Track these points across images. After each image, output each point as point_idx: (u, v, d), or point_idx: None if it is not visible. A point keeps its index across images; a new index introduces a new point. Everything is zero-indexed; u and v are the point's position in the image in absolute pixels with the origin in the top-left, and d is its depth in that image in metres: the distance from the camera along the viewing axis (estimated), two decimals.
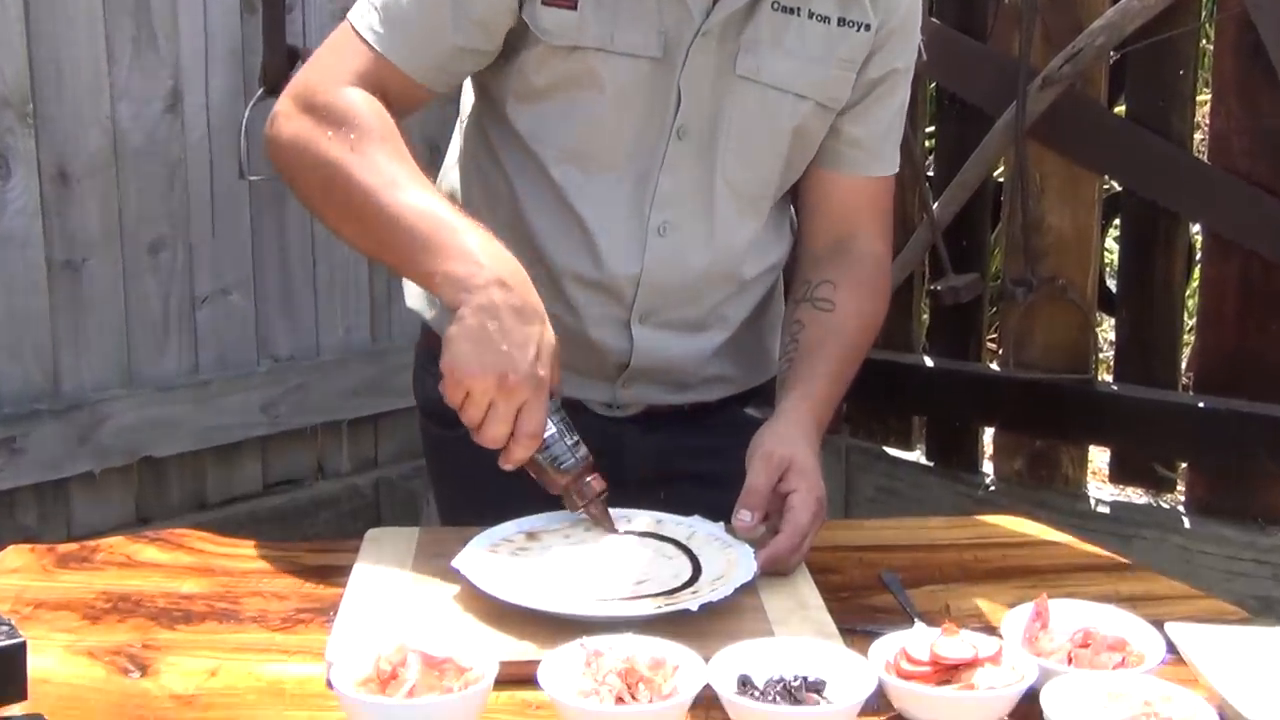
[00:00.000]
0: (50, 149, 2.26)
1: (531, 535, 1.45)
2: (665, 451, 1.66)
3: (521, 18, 1.48)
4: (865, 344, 1.63)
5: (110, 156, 2.33)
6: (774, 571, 1.38)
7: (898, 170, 1.68)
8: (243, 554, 1.51)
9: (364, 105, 1.44)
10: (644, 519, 1.48)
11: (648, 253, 1.56)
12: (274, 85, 2.39)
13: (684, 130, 1.53)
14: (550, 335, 1.37)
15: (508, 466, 1.37)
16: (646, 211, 1.55)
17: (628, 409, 1.66)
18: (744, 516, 1.41)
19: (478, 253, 1.35)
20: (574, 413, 1.53)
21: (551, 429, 1.38)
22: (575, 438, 1.41)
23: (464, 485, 1.70)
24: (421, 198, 1.39)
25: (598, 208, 1.55)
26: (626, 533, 1.46)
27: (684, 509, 1.49)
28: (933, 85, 2.95)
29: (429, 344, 1.71)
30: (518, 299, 1.34)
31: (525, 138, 1.56)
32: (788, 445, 1.44)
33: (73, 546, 1.51)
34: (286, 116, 1.47)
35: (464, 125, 1.67)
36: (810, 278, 1.63)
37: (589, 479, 1.42)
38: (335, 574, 1.44)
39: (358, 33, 1.48)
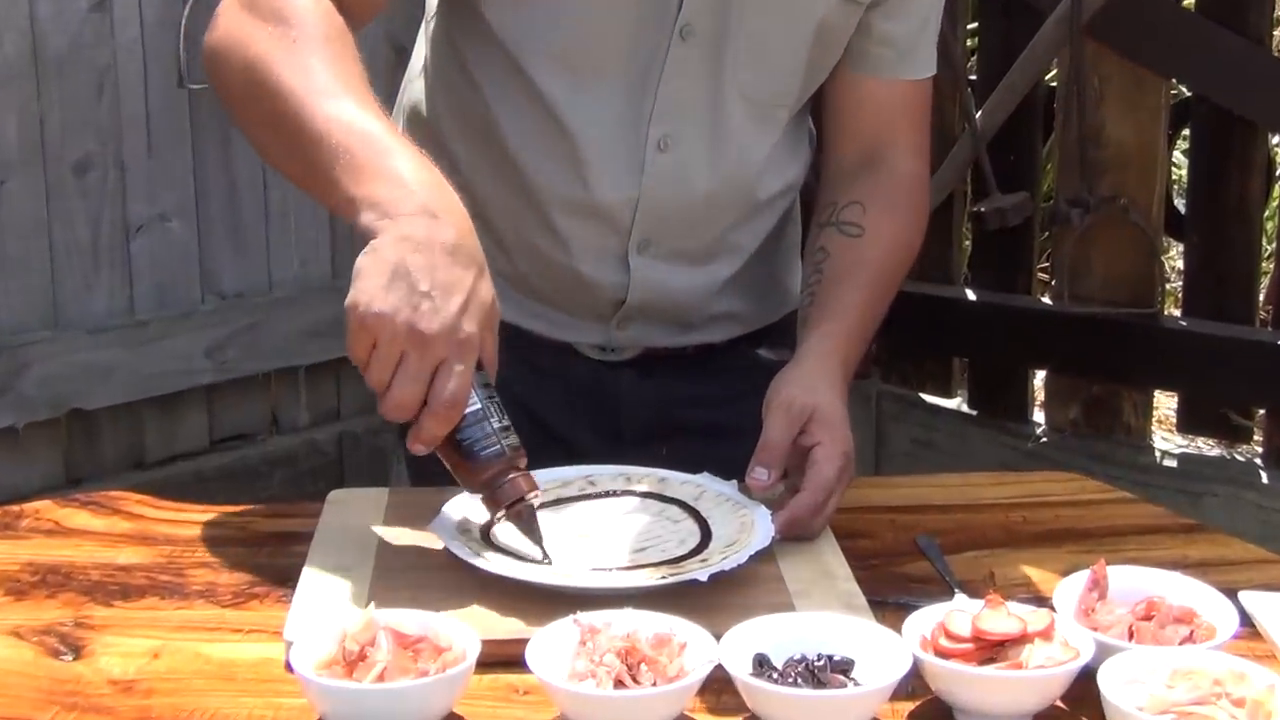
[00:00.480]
0: None
1: None
2: (666, 400, 1.67)
3: None
4: (899, 273, 1.63)
5: (29, 63, 2.31)
6: (795, 536, 1.39)
7: (935, 73, 1.67)
8: (187, 519, 1.51)
9: (310, 2, 1.39)
10: (646, 477, 1.48)
11: (646, 172, 1.55)
12: None
13: (688, 29, 1.51)
14: (487, 290, 1.25)
15: (418, 449, 1.25)
16: (645, 124, 1.54)
17: (623, 352, 1.67)
18: (759, 474, 1.41)
19: (409, 178, 1.26)
20: (563, 357, 1.52)
21: (476, 404, 1.26)
22: (505, 422, 1.29)
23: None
24: (352, 111, 1.30)
25: (589, 121, 1.54)
26: (625, 493, 1.46)
27: (689, 466, 1.49)
28: None
29: None
30: (451, 235, 1.24)
31: (504, 41, 1.54)
32: (810, 392, 1.44)
33: (4, 509, 1.51)
34: (224, 13, 1.42)
35: (430, 27, 1.66)
36: (836, 199, 1.63)
37: (513, 476, 1.29)
38: (293, 542, 1.44)
39: None
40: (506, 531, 1.37)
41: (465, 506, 1.41)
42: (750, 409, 1.47)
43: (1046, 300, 2.98)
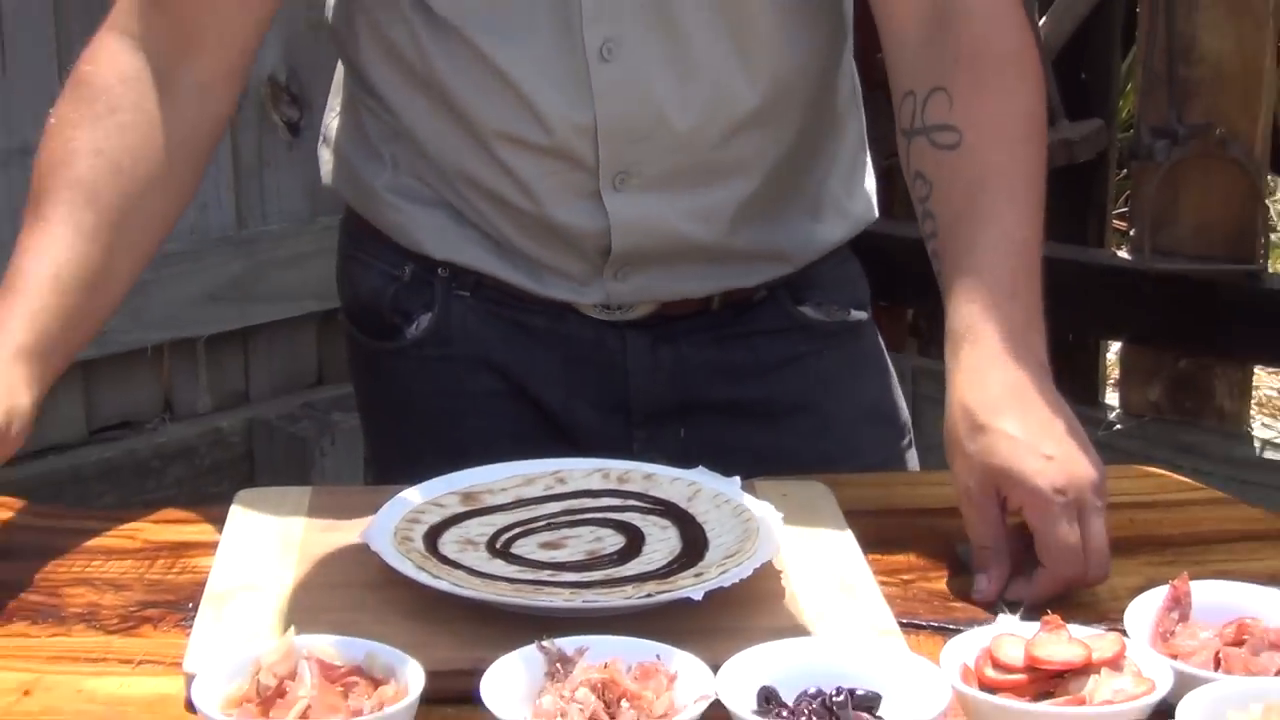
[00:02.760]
0: None
1: (469, 496, 1.47)
2: (685, 370, 1.67)
3: None
4: (1036, 162, 1.50)
5: None
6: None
7: None
8: (64, 527, 1.53)
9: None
10: (628, 473, 1.50)
11: (595, 90, 1.55)
12: None
13: None
14: None
15: None
16: (577, 31, 1.54)
17: (630, 310, 1.67)
18: (979, 583, 1.37)
19: None
20: (560, 319, 1.54)
21: None
22: None
23: (407, 416, 1.73)
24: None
25: (519, 39, 1.54)
26: (603, 493, 1.48)
27: (711, 451, 1.50)
28: None
29: (357, 229, 1.74)
30: None
31: None
32: (979, 434, 1.37)
33: None
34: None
35: None
36: (913, 87, 1.52)
37: None
38: (193, 552, 1.46)
39: None
40: (457, 539, 1.39)
41: (404, 508, 1.43)
42: (790, 383, 1.46)
43: (1124, 254, 3.00)
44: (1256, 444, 2.85)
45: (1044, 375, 1.37)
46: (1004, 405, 1.35)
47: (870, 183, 1.73)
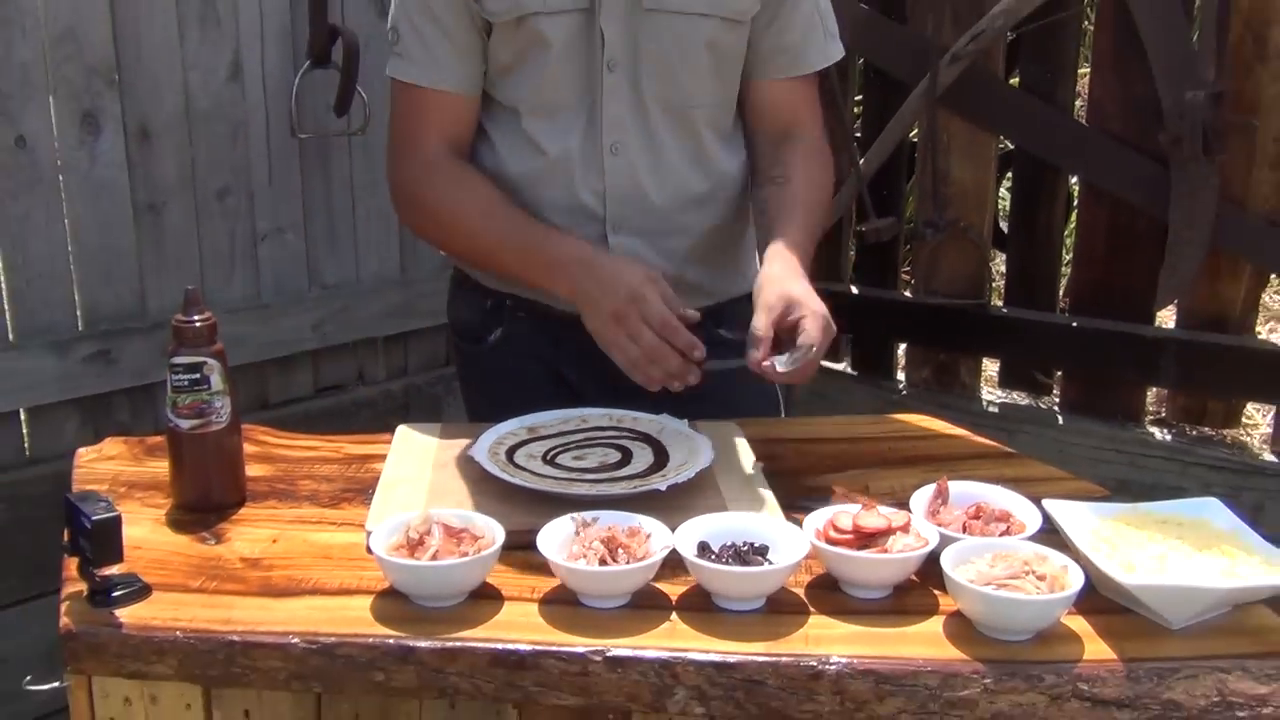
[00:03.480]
0: (134, 110, 2.22)
1: (530, 430, 1.45)
2: None
3: (472, 3, 1.48)
4: (824, 202, 1.59)
5: (183, 117, 2.28)
6: (792, 380, 1.35)
7: (839, 57, 1.62)
8: (298, 445, 1.51)
9: (455, 189, 1.54)
10: (623, 417, 1.48)
11: (607, 171, 1.53)
12: (319, 57, 2.35)
13: (612, 63, 1.50)
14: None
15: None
16: (599, 138, 1.52)
17: None
18: (752, 354, 1.36)
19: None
20: (575, 326, 1.50)
21: None
22: None
23: (489, 388, 1.70)
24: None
25: (563, 143, 1.52)
26: (609, 429, 1.46)
27: (674, 407, 1.47)
28: (860, 60, 2.92)
29: (459, 277, 1.71)
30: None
31: (503, 101, 1.55)
32: (783, 285, 1.39)
33: (158, 439, 1.50)
34: (406, 207, 1.60)
35: None
36: (765, 167, 1.59)
37: None
38: (373, 461, 1.44)
39: (404, 83, 1.53)
40: (525, 454, 1.37)
41: (494, 435, 1.41)
42: (711, 376, 1.43)
43: (908, 294, 2.98)
44: (984, 402, 2.84)
45: (805, 277, 1.43)
46: (792, 279, 1.41)
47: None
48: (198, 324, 1.29)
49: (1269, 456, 2.50)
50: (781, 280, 1.40)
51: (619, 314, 1.39)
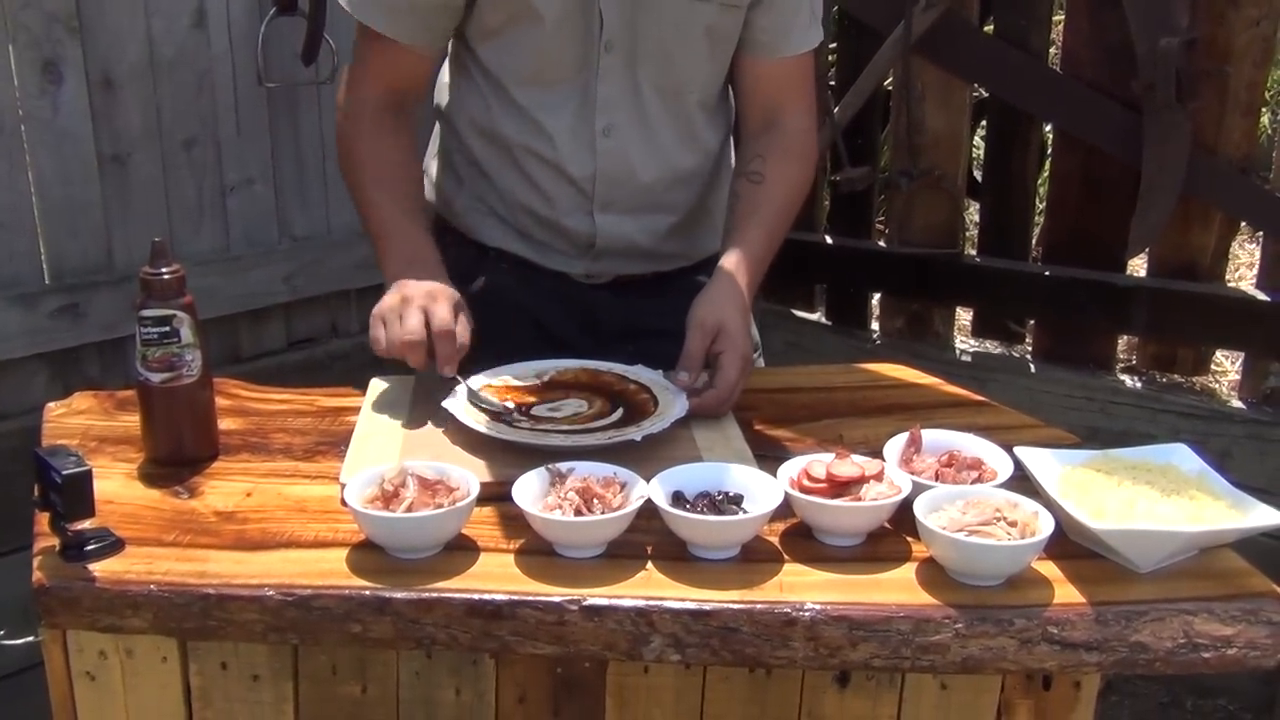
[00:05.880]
0: (96, 59, 2.17)
1: (508, 381, 1.45)
2: (633, 312, 1.64)
3: None
4: (794, 205, 1.59)
5: (147, 65, 2.24)
6: (703, 414, 1.38)
7: (816, 44, 1.61)
8: (271, 399, 1.50)
9: (371, 141, 1.53)
10: (598, 368, 1.48)
11: (598, 153, 1.53)
12: (284, 3, 2.31)
13: (610, 44, 1.49)
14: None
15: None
16: (592, 118, 1.52)
17: (600, 278, 1.65)
18: (682, 377, 1.39)
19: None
20: (559, 281, 1.50)
21: None
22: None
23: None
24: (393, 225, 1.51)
25: (555, 118, 1.52)
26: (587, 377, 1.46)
27: (650, 360, 1.48)
28: (835, 8, 2.89)
29: (440, 227, 1.71)
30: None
31: (490, 69, 1.53)
32: (719, 311, 1.42)
33: (129, 393, 1.49)
34: (343, 138, 1.57)
35: (448, 60, 1.63)
36: (745, 155, 1.59)
37: None
38: (347, 413, 1.44)
39: (361, 23, 1.52)
40: (500, 406, 1.37)
41: (471, 387, 1.41)
42: (686, 318, 1.44)
43: (882, 244, 2.98)
44: (957, 351, 2.85)
45: (745, 307, 1.45)
46: (730, 305, 1.43)
47: None
48: (166, 276, 1.27)
49: (1237, 403, 2.54)
50: (721, 306, 1.42)
51: (408, 298, 1.39)
